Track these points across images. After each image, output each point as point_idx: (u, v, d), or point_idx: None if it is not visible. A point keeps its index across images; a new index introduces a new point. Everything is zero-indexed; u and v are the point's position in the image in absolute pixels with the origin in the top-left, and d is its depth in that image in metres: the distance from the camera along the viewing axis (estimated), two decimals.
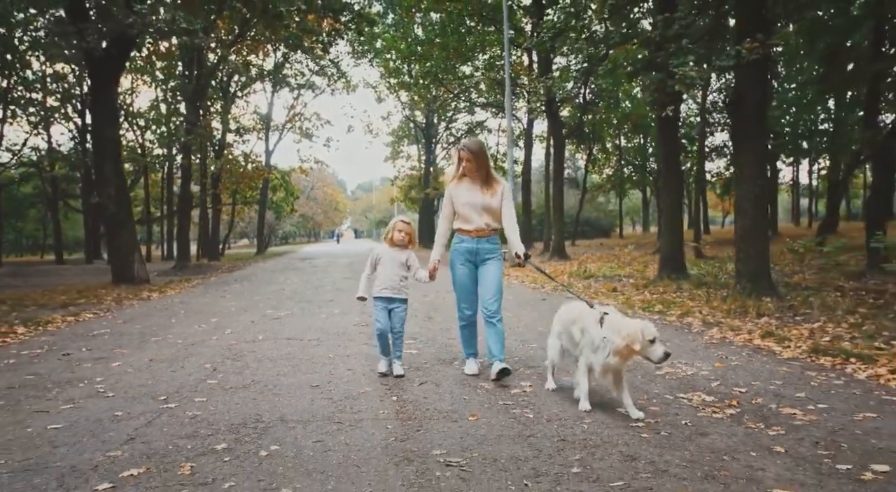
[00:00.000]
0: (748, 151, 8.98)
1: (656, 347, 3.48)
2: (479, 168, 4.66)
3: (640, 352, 3.51)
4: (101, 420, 3.78)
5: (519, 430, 3.47)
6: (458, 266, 4.77)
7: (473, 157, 4.64)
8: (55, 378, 4.99)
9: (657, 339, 3.50)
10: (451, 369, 5.04)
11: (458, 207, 4.72)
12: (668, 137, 11.95)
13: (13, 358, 5.90)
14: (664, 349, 3.49)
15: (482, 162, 4.65)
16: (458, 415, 3.76)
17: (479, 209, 4.66)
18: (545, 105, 20.54)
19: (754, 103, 8.91)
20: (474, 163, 4.64)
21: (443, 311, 8.47)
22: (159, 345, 6.46)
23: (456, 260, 4.77)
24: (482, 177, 4.68)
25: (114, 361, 5.60)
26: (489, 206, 4.66)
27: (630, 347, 3.50)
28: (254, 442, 3.32)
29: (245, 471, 2.92)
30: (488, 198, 4.66)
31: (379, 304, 4.85)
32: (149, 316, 8.97)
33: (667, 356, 3.49)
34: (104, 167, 13.94)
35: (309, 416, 3.79)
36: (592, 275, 14.36)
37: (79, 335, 7.27)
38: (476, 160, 4.64)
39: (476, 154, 4.64)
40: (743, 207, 9.05)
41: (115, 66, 14.19)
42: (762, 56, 8.30)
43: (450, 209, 4.82)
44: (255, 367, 5.24)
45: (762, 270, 8.96)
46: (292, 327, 7.47)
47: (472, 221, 4.68)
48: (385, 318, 4.82)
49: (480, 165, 4.65)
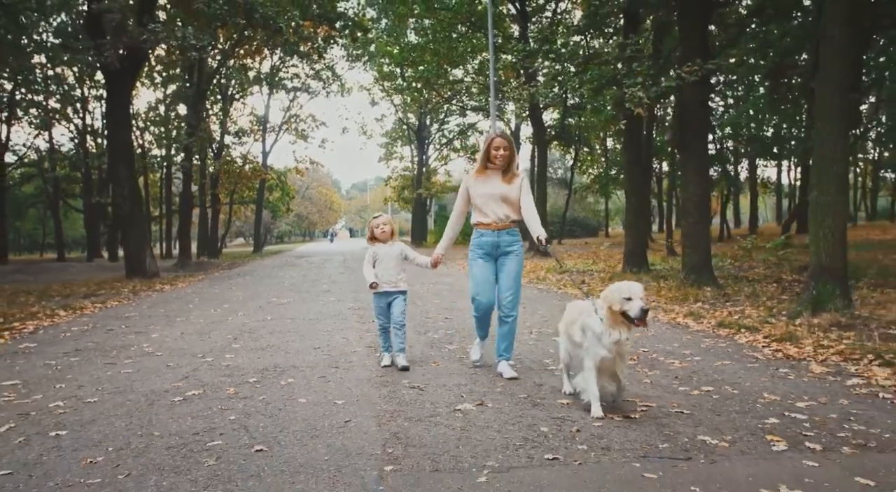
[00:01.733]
0: (692, 161, 10.33)
1: (633, 304, 3.46)
2: (507, 158, 4.61)
3: (620, 310, 3.50)
4: (158, 368, 5.08)
5: (465, 370, 4.78)
6: (476, 260, 4.67)
7: (509, 145, 4.62)
8: (110, 344, 6.28)
9: (635, 296, 3.48)
10: (424, 337, 6.35)
11: (476, 198, 4.65)
12: (631, 144, 13.30)
13: (68, 332, 7.19)
14: (641, 305, 3.45)
15: (510, 151, 4.62)
16: (425, 363, 5.07)
17: (498, 199, 4.58)
18: (529, 110, 21.88)
19: (697, 120, 10.27)
20: (510, 151, 4.61)
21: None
22: (185, 323, 7.75)
23: (474, 255, 4.68)
24: (508, 167, 4.63)
25: (152, 334, 6.89)
26: (508, 196, 4.57)
27: (611, 308, 3.54)
28: (275, 378, 4.62)
29: (272, 391, 4.23)
30: (507, 188, 4.57)
31: (378, 300, 4.97)
32: (168, 303, 10.24)
33: (645, 312, 3.46)
34: (118, 170, 15.20)
35: (313, 364, 5.10)
36: (568, 270, 15.68)
37: (112, 317, 8.55)
38: (510, 149, 4.62)
39: (511, 143, 4.66)
40: (688, 210, 10.41)
41: (129, 78, 15.44)
42: (701, 78, 9.64)
43: (463, 203, 4.77)
44: (267, 337, 6.54)
45: (704, 264, 10.30)
46: (295, 311, 8.76)
47: (489, 212, 4.60)
48: (384, 313, 4.95)
49: (509, 154, 4.61)
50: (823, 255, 7.04)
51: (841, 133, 7.10)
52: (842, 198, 7.15)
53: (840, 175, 7.12)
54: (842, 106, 7.10)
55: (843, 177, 7.31)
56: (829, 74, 7.10)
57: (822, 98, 7.26)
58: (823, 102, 7.23)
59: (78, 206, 36.09)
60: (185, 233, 26.62)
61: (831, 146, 7.04)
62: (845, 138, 7.25)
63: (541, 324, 7.07)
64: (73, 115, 31.11)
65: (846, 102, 7.25)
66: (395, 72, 33.60)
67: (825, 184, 7.06)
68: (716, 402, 3.84)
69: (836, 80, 7.05)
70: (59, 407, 3.95)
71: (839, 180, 7.10)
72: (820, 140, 7.22)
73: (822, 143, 7.18)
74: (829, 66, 7.12)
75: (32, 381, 4.69)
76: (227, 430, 3.41)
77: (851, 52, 7.26)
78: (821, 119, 7.28)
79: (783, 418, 3.49)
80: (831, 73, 7.07)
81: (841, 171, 7.15)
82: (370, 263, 4.94)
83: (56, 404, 4.03)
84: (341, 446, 3.12)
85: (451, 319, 7.51)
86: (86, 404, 4.02)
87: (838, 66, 7.03)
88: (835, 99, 7.06)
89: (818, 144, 7.25)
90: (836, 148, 7.03)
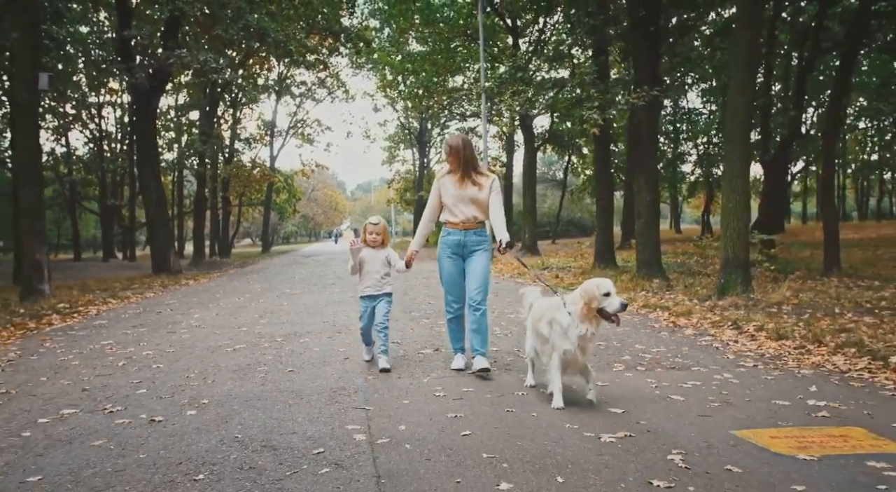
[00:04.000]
0: (644, 171, 12.08)
1: (612, 299, 3.55)
2: (461, 162, 4.70)
3: (598, 306, 3.58)
4: (208, 334, 6.88)
5: (435, 331, 6.56)
6: (445, 259, 4.80)
7: (452, 151, 4.72)
8: (163, 321, 8.10)
9: (612, 292, 3.58)
10: (408, 314, 8.13)
11: (445, 198, 4.78)
12: (600, 155, 15.08)
13: (126, 314, 9.02)
14: (620, 301, 3.55)
15: (462, 155, 4.70)
16: (404, 329, 6.86)
17: (467, 200, 4.69)
18: (519, 119, 23.61)
19: (647, 136, 12.03)
20: (454, 157, 4.72)
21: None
22: (217, 308, 9.56)
23: (443, 253, 4.80)
24: (466, 171, 4.71)
25: (193, 315, 8.70)
26: (476, 197, 4.68)
27: (589, 305, 3.60)
28: (295, 338, 6.42)
29: (294, 345, 6.03)
30: (475, 191, 4.67)
31: (364, 303, 5.09)
32: (197, 294, 12.07)
33: (623, 307, 3.56)
34: (146, 178, 17.05)
35: (322, 330, 6.90)
36: (548, 266, 17.45)
37: (155, 304, 10.37)
38: (455, 155, 4.70)
39: (455, 149, 4.71)
40: (640, 213, 12.17)
41: (155, 95, 17.29)
42: (649, 103, 11.41)
43: (435, 202, 4.88)
44: (286, 315, 8.34)
45: (654, 259, 12.05)
46: (306, 299, 10.56)
47: (458, 213, 4.72)
48: (369, 318, 5.06)
49: (461, 159, 4.70)
50: (730, 250, 8.79)
51: (743, 155, 8.85)
52: (743, 205, 8.89)
53: (742, 188, 8.87)
54: (743, 134, 8.87)
55: (745, 190, 9.06)
56: (734, 112, 8.84)
57: (729, 127, 9.03)
58: (728, 131, 9.01)
59: (91, 208, 37.92)
60: (199, 234, 28.51)
61: (736, 165, 8.80)
62: (747, 159, 9.01)
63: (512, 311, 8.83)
64: (89, 121, 32.93)
65: (748, 131, 9.02)
66: (396, 80, 35.39)
67: (731, 194, 8.82)
68: (600, 351, 5.60)
69: (740, 116, 8.78)
70: (150, 354, 5.76)
71: (742, 192, 8.86)
72: (728, 160, 9.00)
73: (729, 163, 8.97)
74: (733, 104, 8.89)
75: (122, 341, 6.52)
76: (268, 363, 5.22)
77: (751, 91, 8.99)
78: (728, 142, 9.07)
79: (634, 356, 5.27)
80: (735, 111, 8.82)
81: (743, 185, 8.91)
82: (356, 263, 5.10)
83: (147, 352, 5.85)
84: (342, 370, 4.92)
85: (433, 304, 9.29)
86: (167, 352, 5.84)
87: (742, 105, 8.77)
88: (737, 129, 8.81)
89: (726, 163, 9.04)
90: (739, 167, 8.79)
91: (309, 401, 4.02)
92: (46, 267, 11.09)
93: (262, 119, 39.47)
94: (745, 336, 6.07)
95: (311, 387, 4.40)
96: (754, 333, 6.14)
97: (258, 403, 3.99)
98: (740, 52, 8.80)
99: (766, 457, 2.87)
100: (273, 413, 3.74)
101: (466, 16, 26.61)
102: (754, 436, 3.14)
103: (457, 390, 4.22)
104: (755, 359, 5.09)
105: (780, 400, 3.83)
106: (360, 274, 5.08)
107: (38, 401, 4.17)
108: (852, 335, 5.55)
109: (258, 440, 3.25)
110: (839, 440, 3.06)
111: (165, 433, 3.41)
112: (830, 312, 7.19)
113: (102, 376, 4.91)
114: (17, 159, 11.18)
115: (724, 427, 3.30)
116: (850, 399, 3.82)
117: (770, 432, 3.19)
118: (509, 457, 2.92)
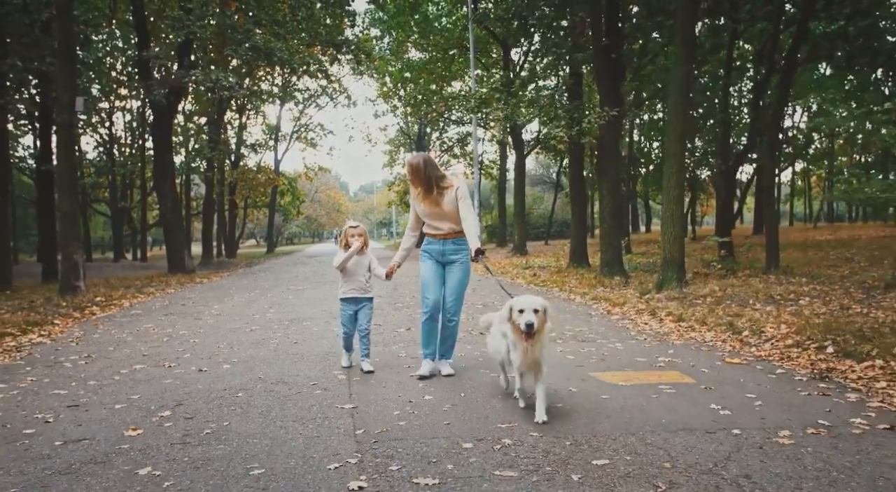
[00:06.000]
0: (607, 180, 13.66)
1: (522, 316, 3.66)
2: (423, 181, 4.76)
3: (515, 321, 3.70)
4: (227, 320, 8.49)
5: (412, 317, 8.14)
6: (425, 262, 4.96)
7: (413, 171, 4.79)
8: (188, 311, 9.71)
9: (527, 309, 3.67)
10: (393, 306, 9.72)
11: (421, 215, 4.93)
12: (574, 166, 16.66)
13: (155, 306, 10.64)
14: (525, 320, 3.62)
15: (423, 175, 4.75)
16: (385, 315, 8.45)
17: (437, 216, 4.82)
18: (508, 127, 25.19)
19: (610, 148, 13.61)
20: (416, 177, 4.78)
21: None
22: (231, 301, 11.17)
23: (424, 256, 4.98)
24: (429, 189, 4.76)
25: (213, 307, 10.31)
26: (443, 213, 4.78)
27: (511, 319, 3.74)
28: (299, 322, 8.03)
29: (298, 327, 7.64)
30: (441, 208, 4.77)
31: (346, 307, 5.21)
32: (212, 290, 13.69)
33: (529, 327, 3.61)
34: (163, 185, 18.70)
35: (322, 317, 8.50)
36: (531, 266, 19.04)
37: (178, 298, 11.99)
38: (417, 174, 4.77)
39: (416, 168, 4.78)
40: (603, 217, 13.76)
41: (171, 109, 18.94)
42: (609, 122, 12.98)
43: (414, 218, 5.05)
44: (291, 306, 9.94)
45: (616, 259, 13.62)
46: (309, 293, 12.17)
47: (435, 228, 4.88)
48: (350, 322, 5.19)
49: (423, 178, 4.75)
50: (668, 251, 10.38)
51: (679, 170, 10.43)
52: (679, 213, 10.47)
53: (678, 198, 10.46)
54: (679, 152, 10.44)
55: (680, 200, 10.65)
56: (671, 133, 10.43)
57: (667, 146, 10.62)
58: (667, 149, 10.59)
59: (101, 210, 39.53)
60: (207, 235, 30.21)
61: (673, 178, 10.37)
62: (681, 174, 10.59)
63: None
64: (99, 125, 34.51)
65: (683, 150, 10.60)
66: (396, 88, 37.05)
67: (668, 204, 10.41)
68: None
69: (676, 136, 10.37)
70: (185, 334, 7.38)
71: (678, 203, 10.45)
72: (666, 174, 10.57)
73: (667, 177, 10.53)
74: (670, 127, 10.48)
75: (160, 325, 8.14)
76: (278, 338, 6.83)
77: (684, 115, 10.58)
78: (666, 159, 10.65)
79: (560, 333, 6.85)
80: (672, 132, 10.41)
81: (678, 196, 10.49)
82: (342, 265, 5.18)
83: (182, 332, 7.47)
84: (333, 342, 6.51)
85: (417, 297, 10.87)
86: (199, 332, 7.45)
87: (677, 128, 10.35)
88: (673, 148, 10.39)
89: (665, 177, 10.59)
90: (676, 180, 10.36)
91: (308, 360, 5.63)
92: (82, 267, 12.72)
93: (266, 124, 41.19)
94: (655, 320, 7.66)
95: (310, 352, 6.01)
96: (663, 317, 7.72)
97: (273, 361, 5.60)
98: (676, 84, 10.39)
99: (598, 384, 4.47)
100: (283, 366, 5.35)
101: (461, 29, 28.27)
102: (601, 375, 4.73)
103: (413, 357, 5.81)
104: (649, 335, 6.67)
105: (640, 358, 5.42)
106: (342, 276, 5.21)
107: (114, 362, 5.78)
108: (735, 319, 7.12)
109: (274, 379, 4.86)
110: (654, 377, 4.64)
111: (211, 377, 5.02)
112: (742, 303, 8.75)
113: (154, 347, 6.52)
114: (58, 173, 12.75)
115: (586, 371, 4.90)
116: (689, 358, 5.40)
117: (614, 374, 4.78)
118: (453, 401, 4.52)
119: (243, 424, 3.70)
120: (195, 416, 3.89)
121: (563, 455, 3.07)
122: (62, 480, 2.91)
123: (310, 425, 3.64)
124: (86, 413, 4.02)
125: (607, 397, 4.14)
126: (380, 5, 29.15)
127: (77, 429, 3.68)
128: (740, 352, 5.62)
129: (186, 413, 3.95)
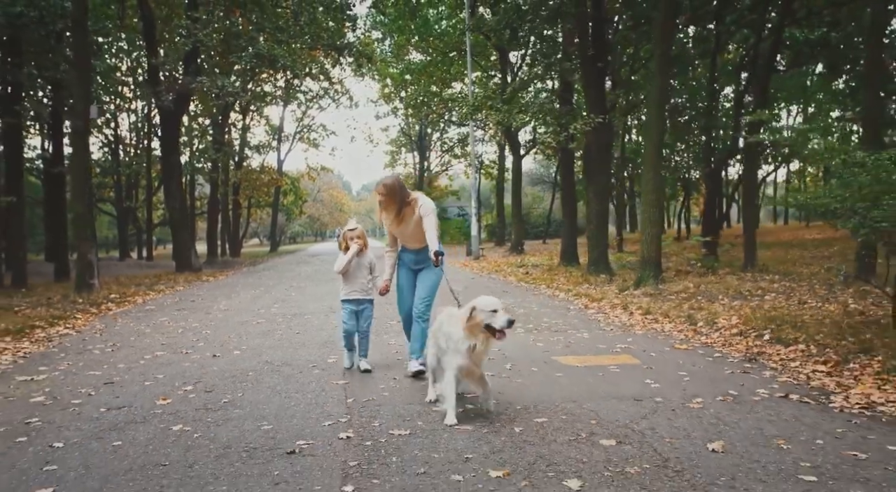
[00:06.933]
0: (594, 184, 14.38)
1: (499, 316, 3.68)
2: (395, 203, 4.92)
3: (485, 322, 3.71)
4: (235, 314, 9.24)
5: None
6: (401, 271, 5.23)
7: (389, 192, 4.92)
8: (198, 306, 10.46)
9: (499, 309, 3.71)
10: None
11: (395, 233, 5.12)
12: (564, 171, 17.38)
13: (167, 302, 11.41)
14: (507, 317, 3.68)
15: (399, 196, 4.91)
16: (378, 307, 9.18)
17: (409, 234, 5.03)
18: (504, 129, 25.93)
19: (597, 153, 14.33)
20: (391, 198, 4.92)
21: None
22: (238, 297, 11.92)
23: (400, 266, 5.24)
24: (400, 209, 4.93)
25: (221, 302, 11.06)
26: (412, 229, 4.97)
27: (474, 320, 3.73)
28: (301, 316, 8.77)
29: (300, 320, 8.38)
30: (409, 227, 4.96)
31: (348, 306, 5.28)
32: (219, 287, 14.45)
33: (510, 324, 3.69)
34: (171, 185, 19.47)
35: (322, 311, 9.24)
36: (524, 264, 19.76)
37: (187, 295, 12.75)
38: (392, 196, 4.92)
39: (391, 189, 4.92)
40: (590, 219, 14.48)
41: (178, 113, 19.71)
42: (595, 128, 13.69)
43: (391, 239, 5.23)
44: (294, 302, 10.69)
45: (601, 258, 14.33)
46: (311, 290, 12.92)
47: (408, 241, 5.10)
48: (353, 320, 5.25)
49: (398, 200, 4.91)
50: (646, 251, 11.09)
51: (656, 175, 11.12)
52: (657, 215, 11.19)
53: (656, 202, 11.17)
54: (656, 159, 11.15)
55: (659, 204, 11.37)
56: (649, 141, 11.15)
57: (645, 153, 11.34)
58: (645, 156, 11.31)
59: (106, 209, 40.30)
60: (212, 235, 30.99)
61: (651, 183, 11.08)
62: (659, 179, 11.30)
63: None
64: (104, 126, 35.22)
65: (660, 157, 11.31)
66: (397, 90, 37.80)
67: (647, 207, 11.13)
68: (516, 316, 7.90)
69: (653, 142, 11.08)
70: (197, 326, 8.13)
71: (656, 206, 11.16)
72: (644, 179, 11.29)
73: (646, 181, 11.26)
74: (647, 135, 11.19)
75: (174, 319, 8.89)
76: (282, 329, 7.59)
77: (661, 124, 11.28)
78: (644, 165, 11.39)
79: (537, 324, 7.58)
80: (649, 140, 11.13)
81: (656, 199, 11.20)
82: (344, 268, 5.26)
83: (195, 324, 8.22)
84: (332, 333, 7.26)
85: None
86: (210, 324, 8.20)
87: (654, 136, 11.07)
88: (650, 154, 11.11)
89: (643, 181, 11.32)
90: (653, 184, 11.06)
91: (309, 347, 6.39)
92: (96, 265, 13.48)
93: (269, 125, 41.95)
94: (626, 314, 8.38)
95: (311, 340, 6.76)
96: (633, 311, 8.45)
97: (278, 348, 6.35)
98: (653, 94, 11.11)
99: (557, 365, 5.21)
100: (287, 352, 6.10)
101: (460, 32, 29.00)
102: (563, 359, 5.47)
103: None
104: (616, 327, 7.40)
105: (601, 345, 6.15)
106: (344, 278, 5.29)
107: (137, 349, 6.53)
108: (696, 312, 7.84)
109: (280, 362, 5.61)
110: (607, 360, 5.38)
111: (224, 361, 5.77)
112: (711, 298, 9.46)
113: (171, 337, 7.28)
114: (72, 176, 13.51)
115: (550, 355, 5.64)
116: (644, 345, 6.13)
117: (574, 358, 5.52)
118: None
119: (255, 394, 4.46)
120: (213, 389, 4.65)
121: (512, 415, 3.81)
122: (112, 434, 3.65)
123: (309, 396, 4.40)
124: (121, 388, 4.78)
125: (561, 375, 4.88)
126: (380, 10, 29.86)
127: (116, 399, 4.44)
128: (691, 340, 6.35)
129: (206, 388, 4.71)
